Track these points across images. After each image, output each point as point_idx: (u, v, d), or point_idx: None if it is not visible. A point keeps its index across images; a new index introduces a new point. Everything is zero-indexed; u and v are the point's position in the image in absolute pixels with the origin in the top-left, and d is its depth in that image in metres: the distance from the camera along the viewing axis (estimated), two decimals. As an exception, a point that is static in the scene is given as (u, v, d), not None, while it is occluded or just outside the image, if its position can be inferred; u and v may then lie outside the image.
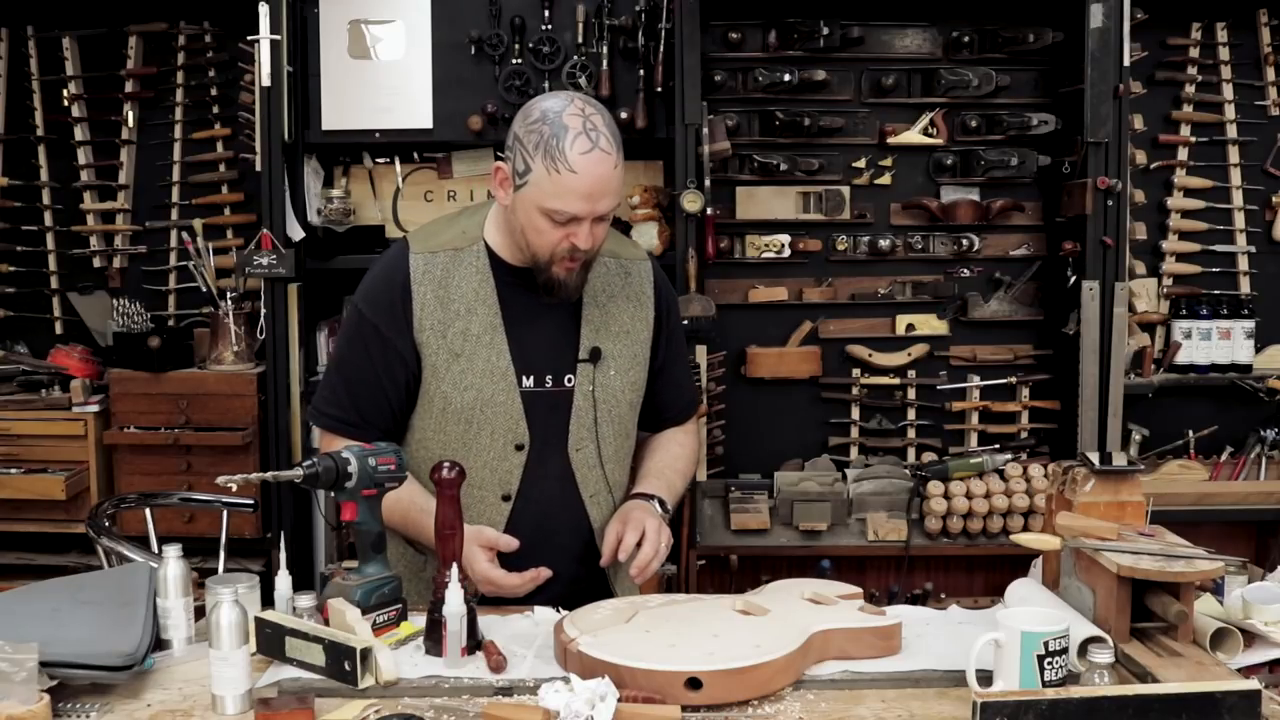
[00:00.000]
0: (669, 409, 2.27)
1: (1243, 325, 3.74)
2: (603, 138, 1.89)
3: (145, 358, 3.70)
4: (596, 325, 2.10)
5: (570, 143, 1.87)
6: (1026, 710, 1.44)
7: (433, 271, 2.05)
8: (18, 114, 4.04)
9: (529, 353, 2.06)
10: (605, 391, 2.10)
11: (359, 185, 3.99)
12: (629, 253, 2.18)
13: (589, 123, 1.89)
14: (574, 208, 1.90)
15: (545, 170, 1.89)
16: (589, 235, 1.93)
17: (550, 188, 1.89)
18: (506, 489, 2.10)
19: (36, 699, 1.58)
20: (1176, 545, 1.83)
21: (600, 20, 3.65)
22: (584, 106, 1.91)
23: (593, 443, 2.11)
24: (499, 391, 2.05)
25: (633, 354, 2.14)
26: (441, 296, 2.05)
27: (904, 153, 3.75)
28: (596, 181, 1.89)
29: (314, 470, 1.90)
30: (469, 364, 2.05)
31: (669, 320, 2.20)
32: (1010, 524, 3.43)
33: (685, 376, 2.31)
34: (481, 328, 2.05)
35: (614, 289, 2.12)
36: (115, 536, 2.86)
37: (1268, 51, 3.82)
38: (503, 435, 2.07)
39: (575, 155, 1.87)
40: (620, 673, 1.64)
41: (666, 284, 2.23)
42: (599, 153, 1.88)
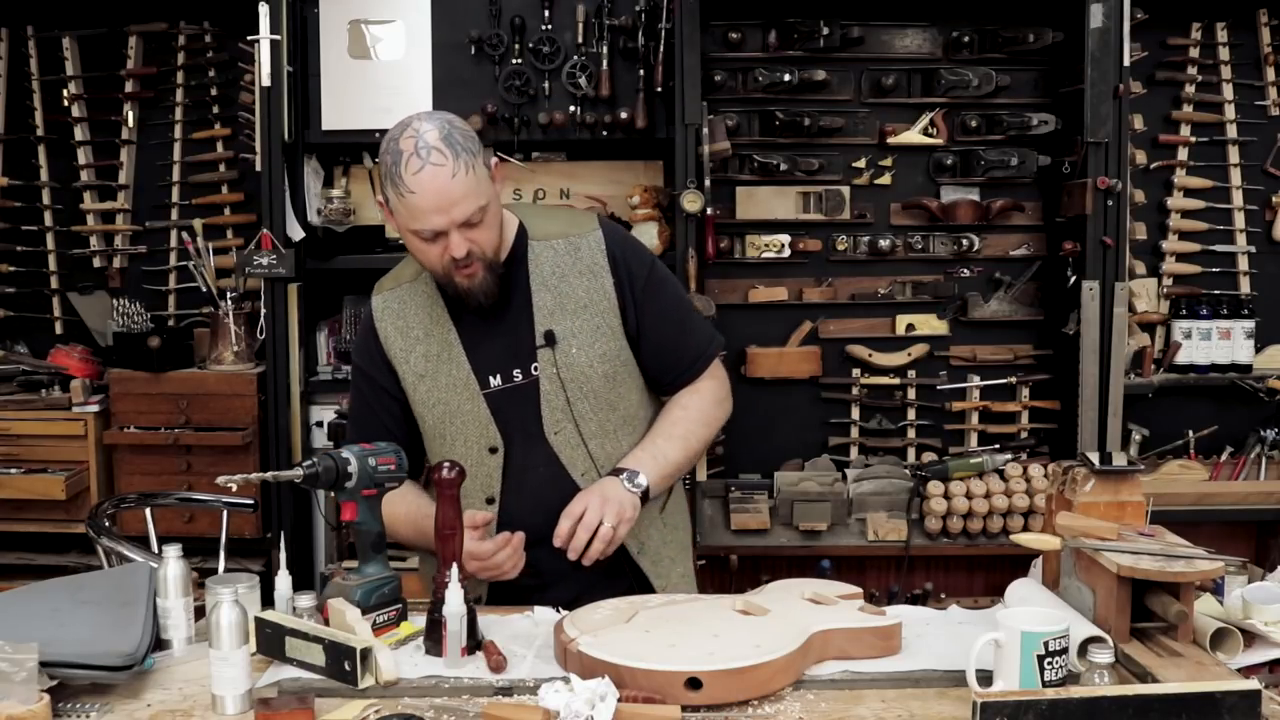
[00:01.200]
0: (667, 372, 2.24)
1: (1243, 325, 3.74)
2: (433, 152, 1.94)
3: (145, 358, 3.71)
4: (550, 309, 2.13)
5: (404, 166, 1.94)
6: (1026, 710, 1.44)
7: (390, 306, 2.20)
8: (18, 114, 4.04)
9: (488, 357, 2.14)
10: (571, 370, 2.12)
11: (359, 185, 3.99)
12: (578, 228, 2.18)
13: (420, 141, 1.94)
14: (430, 224, 1.97)
15: (395, 197, 1.98)
16: (462, 243, 1.99)
17: (405, 211, 1.98)
18: (489, 492, 2.17)
19: (36, 699, 1.58)
20: (1176, 545, 1.83)
21: (600, 20, 3.65)
22: (419, 125, 1.96)
23: (569, 422, 2.14)
24: (464, 401, 2.15)
25: (594, 326, 2.14)
26: (400, 327, 2.19)
27: (904, 153, 3.75)
28: (437, 195, 1.94)
29: (314, 470, 1.90)
30: (434, 381, 2.16)
31: (634, 284, 2.16)
32: (1010, 524, 3.43)
33: (679, 335, 2.23)
34: (439, 346, 2.16)
35: (564, 268, 2.14)
36: (115, 536, 2.86)
37: (1268, 51, 3.82)
38: (475, 441, 2.16)
39: (409, 177, 1.94)
40: (620, 673, 1.64)
41: (628, 249, 2.20)
42: (430, 168, 1.93)
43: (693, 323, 2.28)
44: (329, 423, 3.66)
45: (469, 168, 1.96)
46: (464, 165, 1.95)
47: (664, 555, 2.27)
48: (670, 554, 2.29)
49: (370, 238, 3.92)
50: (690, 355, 2.25)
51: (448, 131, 1.96)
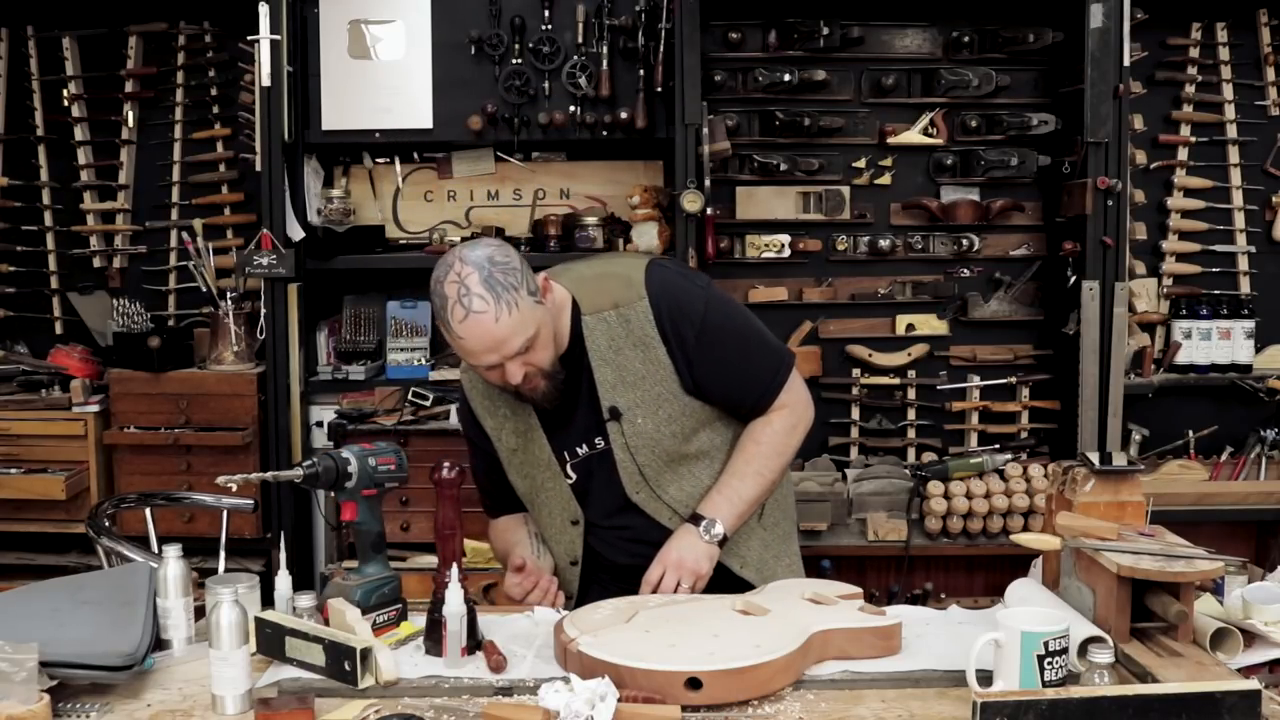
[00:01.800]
0: (737, 411, 2.27)
1: (1243, 325, 3.74)
2: (476, 299, 1.97)
3: (145, 358, 3.70)
4: (611, 383, 2.17)
5: (450, 313, 1.99)
6: (1026, 710, 1.44)
7: (477, 385, 2.29)
8: (18, 114, 4.04)
9: (566, 437, 2.23)
10: (640, 439, 2.19)
11: (359, 185, 3.99)
12: (625, 298, 2.16)
13: (463, 287, 1.97)
14: (483, 361, 2.04)
15: (448, 336, 2.05)
16: (518, 369, 2.04)
17: (457, 348, 2.06)
18: (572, 556, 2.29)
19: (36, 699, 1.58)
20: (1176, 545, 1.83)
21: (600, 20, 3.65)
22: (461, 269, 1.98)
23: (645, 485, 2.22)
24: (547, 479, 2.26)
25: (655, 395, 2.18)
26: (488, 406, 2.28)
27: (904, 153, 3.75)
28: (481, 340, 2.00)
29: (314, 470, 1.90)
30: (524, 456, 2.27)
31: (685, 347, 2.16)
32: (1010, 524, 3.43)
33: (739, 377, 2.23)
34: (524, 427, 2.25)
35: (619, 341, 2.17)
36: (115, 536, 2.85)
37: (1268, 51, 3.82)
38: (559, 513, 2.28)
39: (456, 324, 1.99)
40: (620, 673, 1.64)
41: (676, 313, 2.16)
42: (474, 316, 1.97)
43: (756, 357, 2.25)
44: (329, 423, 3.66)
45: (511, 307, 1.98)
46: (506, 307, 1.98)
47: (767, 558, 2.31)
48: (774, 553, 2.33)
49: (370, 238, 3.92)
50: (756, 392, 2.25)
51: (488, 274, 1.98)
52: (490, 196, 4.02)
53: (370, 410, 3.65)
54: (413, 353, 3.87)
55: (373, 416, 3.63)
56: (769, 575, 2.26)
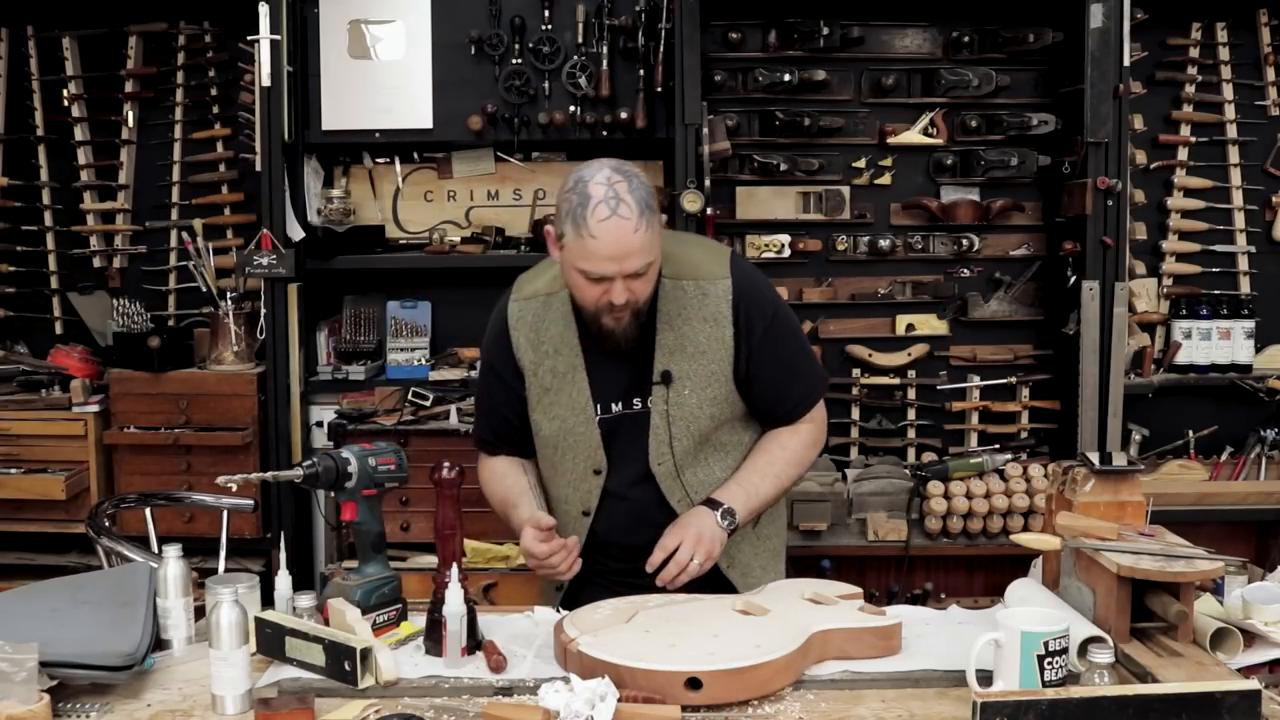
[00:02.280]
0: (770, 413, 2.33)
1: (1243, 325, 3.74)
2: (623, 205, 2.02)
3: (145, 358, 3.70)
4: (670, 349, 2.21)
5: (592, 210, 2.02)
6: (1026, 710, 1.44)
7: (525, 317, 2.27)
8: (18, 114, 4.04)
9: (607, 385, 2.23)
10: (680, 410, 2.21)
11: (359, 185, 3.99)
12: (710, 273, 2.25)
13: (612, 190, 2.03)
14: (601, 268, 2.05)
15: (574, 234, 2.04)
16: (623, 291, 2.06)
17: (579, 250, 2.05)
18: (586, 506, 2.27)
19: (36, 699, 1.58)
20: (1176, 545, 1.83)
21: (600, 20, 3.65)
22: (612, 175, 2.05)
23: (671, 457, 2.22)
24: (579, 424, 2.24)
25: (709, 372, 2.22)
26: (533, 339, 2.26)
27: (904, 153, 3.75)
28: (616, 245, 2.02)
29: (314, 470, 1.90)
30: (556, 398, 2.24)
31: (751, 335, 2.23)
32: (1010, 524, 3.43)
33: (786, 380, 2.30)
34: (565, 367, 2.23)
35: (690, 311, 2.21)
36: (115, 536, 2.86)
37: (1268, 51, 3.82)
38: (583, 461, 2.25)
39: (595, 222, 2.01)
40: (620, 673, 1.64)
41: (752, 300, 2.25)
42: (617, 219, 2.01)
43: (803, 368, 2.34)
44: (329, 423, 3.66)
45: (650, 226, 2.05)
46: (645, 222, 2.04)
47: (754, 566, 2.33)
48: (761, 563, 2.35)
49: (370, 238, 3.92)
50: (794, 400, 2.32)
51: (636, 186, 2.05)
52: (490, 196, 4.02)
53: (370, 410, 3.65)
54: (413, 353, 3.87)
55: (373, 416, 3.63)
56: (753, 583, 2.27)
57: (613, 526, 2.26)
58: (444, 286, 3.96)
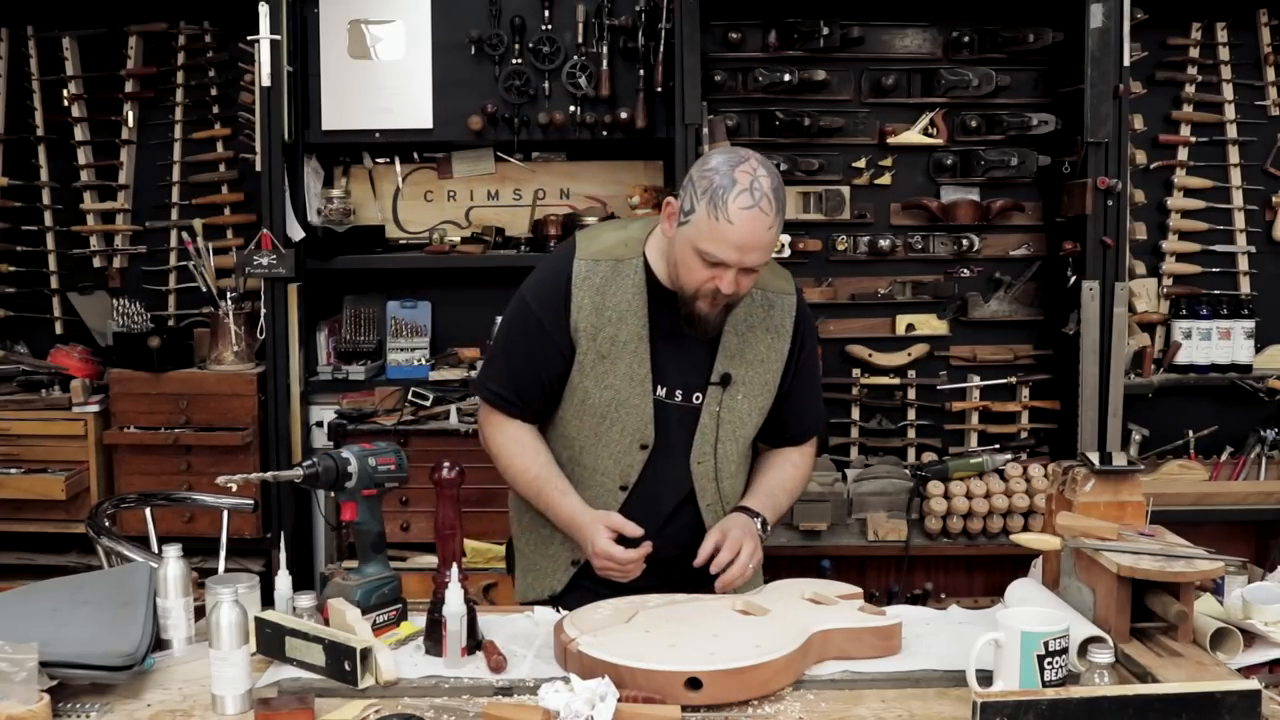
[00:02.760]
0: (789, 430, 2.37)
1: (1243, 325, 3.74)
2: (765, 199, 2.03)
3: (145, 358, 3.71)
4: (732, 352, 2.22)
5: (734, 196, 2.01)
6: (1026, 710, 1.44)
7: (593, 279, 2.20)
8: (18, 114, 4.04)
9: (666, 368, 2.21)
10: (731, 414, 2.23)
11: (359, 185, 3.99)
12: (777, 286, 2.29)
13: (756, 183, 2.03)
14: (724, 255, 2.03)
15: (707, 214, 2.03)
16: (733, 282, 2.06)
17: (707, 231, 2.03)
18: (625, 480, 2.23)
19: (36, 699, 1.58)
20: (1176, 545, 1.83)
21: (600, 20, 3.65)
22: (757, 168, 2.06)
23: (712, 458, 2.24)
24: (634, 395, 2.20)
25: (764, 381, 2.26)
26: (598, 303, 2.19)
27: (904, 153, 3.75)
28: (750, 236, 2.02)
29: (314, 470, 1.90)
30: (612, 366, 2.19)
31: (803, 352, 2.31)
32: (1010, 524, 3.43)
33: (810, 401, 2.38)
34: (629, 336, 2.19)
35: (755, 320, 2.24)
36: (115, 536, 2.85)
37: (1268, 51, 3.82)
38: (631, 434, 2.22)
39: (735, 209, 2.01)
40: (620, 673, 1.64)
41: (809, 318, 2.34)
42: (758, 211, 2.02)
43: (819, 394, 2.45)
44: (329, 423, 3.66)
45: (779, 226, 2.08)
46: (778, 221, 2.07)
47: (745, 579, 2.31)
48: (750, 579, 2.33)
49: (370, 238, 3.92)
50: (810, 420, 2.40)
51: (777, 186, 2.06)
52: (490, 196, 4.02)
53: (370, 410, 3.65)
54: (413, 353, 3.87)
55: (373, 416, 3.63)
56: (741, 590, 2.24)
57: (645, 507, 2.23)
58: (444, 286, 3.96)
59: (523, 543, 2.37)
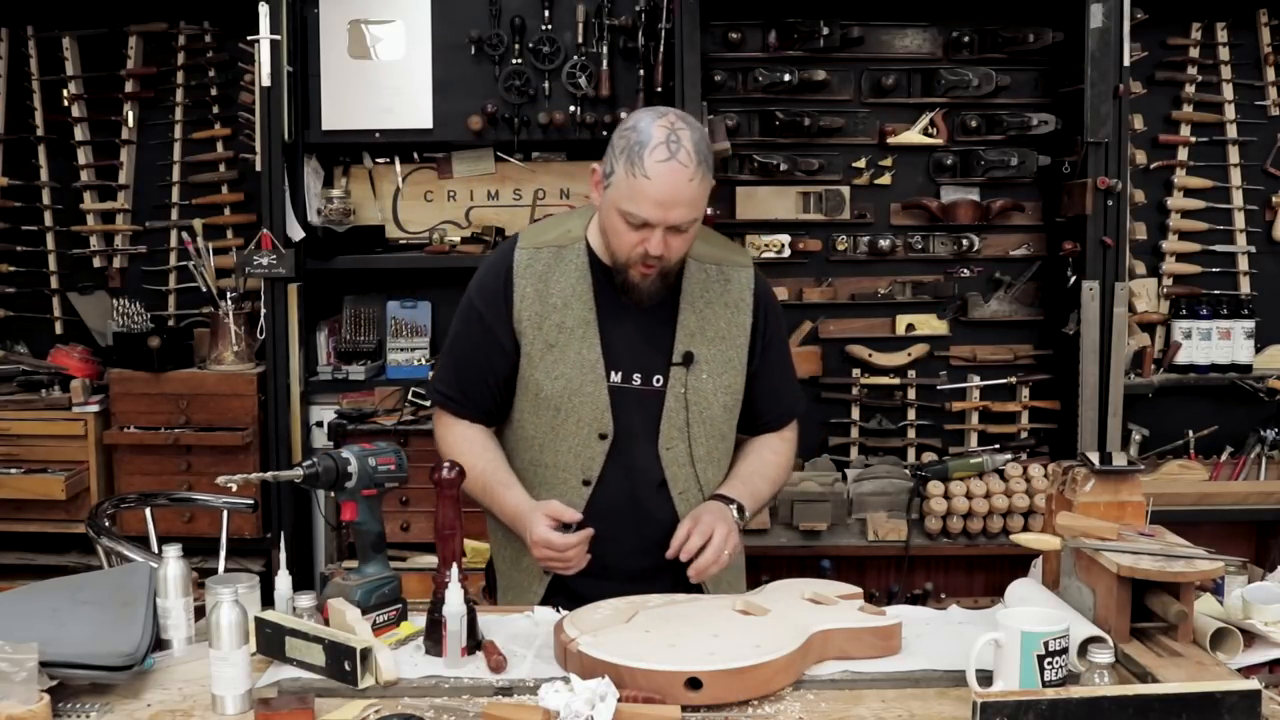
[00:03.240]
0: (764, 415, 2.30)
1: (1243, 325, 3.74)
2: (683, 151, 1.97)
3: (145, 358, 3.71)
4: (691, 330, 2.17)
5: (650, 151, 1.96)
6: (1026, 710, 1.44)
7: (535, 266, 2.16)
8: (18, 114, 4.04)
9: (620, 350, 2.15)
10: (697, 394, 2.16)
11: (359, 185, 3.99)
12: (733, 259, 2.25)
13: (674, 135, 1.97)
14: (646, 213, 1.98)
15: (625, 173, 1.99)
16: (660, 243, 2.00)
17: (627, 190, 1.99)
18: (588, 475, 2.17)
19: (36, 699, 1.57)
20: (1176, 545, 1.83)
21: (600, 20, 3.65)
22: (675, 121, 2.00)
23: (684, 442, 2.17)
24: (587, 383, 2.14)
25: (727, 358, 2.19)
26: (541, 290, 2.15)
27: (904, 153, 3.75)
28: (669, 190, 1.97)
29: (314, 470, 1.90)
30: (561, 354, 2.14)
31: (767, 327, 2.24)
32: (1010, 524, 3.43)
33: (783, 384, 2.32)
34: (575, 322, 2.14)
35: (713, 295, 2.19)
36: (115, 536, 2.85)
37: (1268, 51, 3.82)
38: (588, 424, 2.15)
39: (652, 163, 1.96)
40: (620, 673, 1.64)
41: (768, 292, 2.28)
42: (675, 163, 1.96)
43: (793, 378, 2.38)
44: (329, 423, 3.67)
45: (705, 179, 2.01)
46: (700, 175, 2.00)
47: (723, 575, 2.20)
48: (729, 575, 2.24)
49: (370, 238, 3.92)
50: (787, 403, 2.33)
51: (699, 140, 2.00)
52: (490, 196, 4.02)
53: (370, 410, 3.65)
54: (413, 353, 3.87)
55: (373, 416, 3.63)
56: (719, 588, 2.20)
57: (613, 501, 2.15)
58: (444, 286, 3.96)
59: (500, 560, 2.31)
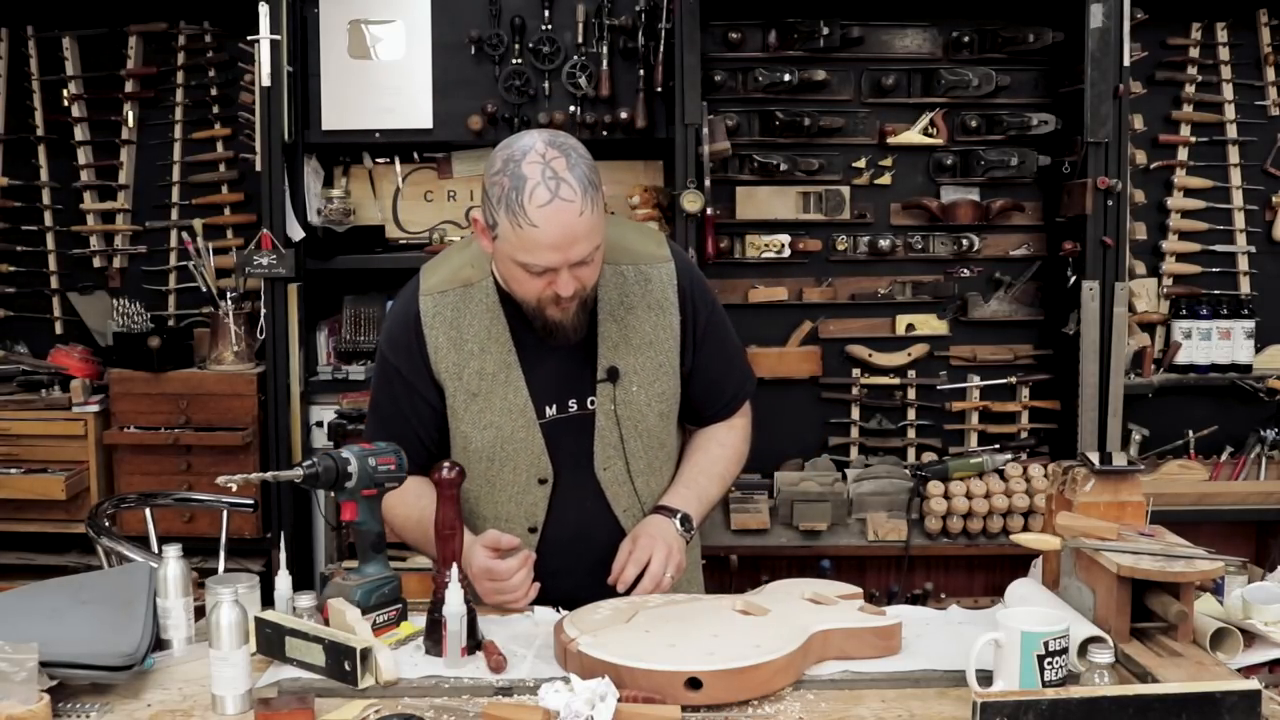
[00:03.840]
0: (708, 408, 2.20)
1: (1243, 325, 3.74)
2: (564, 185, 1.81)
3: (145, 358, 3.70)
4: (614, 342, 2.04)
5: (529, 195, 1.81)
6: (1026, 710, 1.44)
7: (443, 313, 2.04)
8: (18, 114, 4.04)
9: (547, 383, 2.04)
10: (628, 409, 2.06)
11: (359, 185, 3.99)
12: (649, 254, 2.08)
13: (548, 170, 1.81)
14: (544, 260, 1.84)
15: (510, 225, 1.83)
16: (570, 281, 1.87)
17: (517, 242, 1.84)
18: (532, 521, 2.10)
19: (36, 699, 1.57)
20: (1176, 545, 1.83)
21: (600, 20, 3.65)
22: (545, 150, 1.84)
23: (620, 459, 2.08)
24: (519, 429, 2.04)
25: (657, 364, 2.07)
26: (454, 338, 2.03)
27: (904, 153, 3.75)
28: (560, 233, 1.81)
29: (314, 470, 1.90)
30: (486, 403, 2.04)
31: (697, 321, 2.10)
32: (1010, 524, 3.43)
33: (725, 372, 2.18)
34: (496, 366, 2.03)
35: (633, 299, 2.05)
36: (115, 536, 2.85)
37: (1268, 51, 3.82)
38: (525, 470, 2.07)
39: (534, 209, 1.81)
40: (620, 673, 1.64)
41: (695, 282, 2.12)
42: (559, 202, 1.80)
43: (738, 361, 2.24)
44: (329, 423, 3.66)
45: (595, 206, 1.84)
46: (590, 202, 1.83)
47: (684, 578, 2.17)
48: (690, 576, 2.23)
49: (370, 238, 3.92)
50: (731, 392, 2.21)
51: (576, 162, 1.84)
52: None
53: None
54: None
55: (373, 416, 3.62)
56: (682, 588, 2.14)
57: (561, 542, 2.08)
58: (444, 286, 3.96)
59: None
